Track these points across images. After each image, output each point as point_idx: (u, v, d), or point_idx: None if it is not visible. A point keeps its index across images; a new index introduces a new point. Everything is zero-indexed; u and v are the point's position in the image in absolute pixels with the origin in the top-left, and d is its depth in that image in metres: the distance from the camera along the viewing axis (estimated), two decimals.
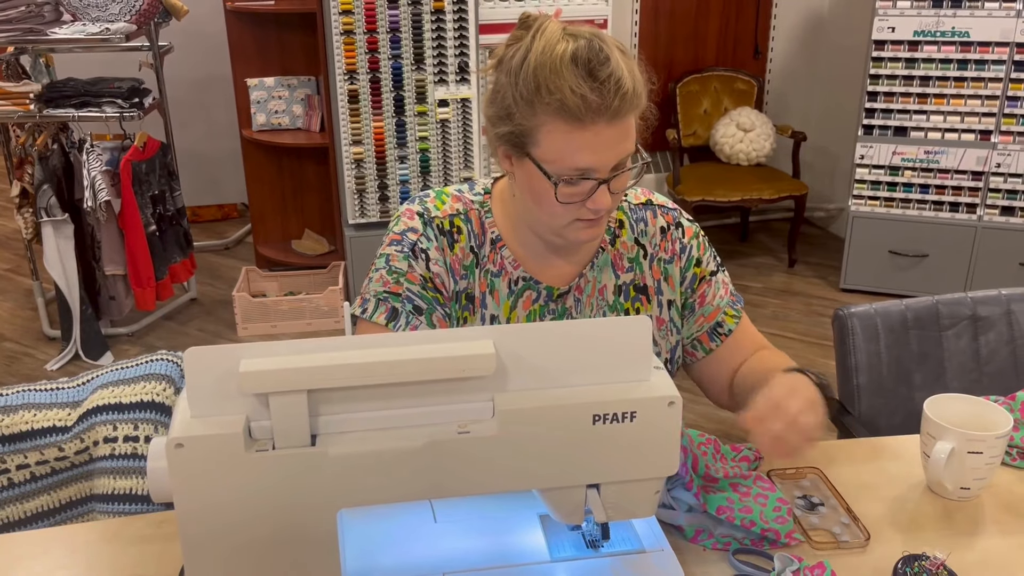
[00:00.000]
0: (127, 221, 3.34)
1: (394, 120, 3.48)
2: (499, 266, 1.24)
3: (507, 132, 1.12)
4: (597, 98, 1.04)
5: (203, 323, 3.74)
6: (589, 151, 1.07)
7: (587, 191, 1.10)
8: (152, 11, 3.36)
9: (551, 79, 1.04)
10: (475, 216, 1.24)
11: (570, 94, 1.03)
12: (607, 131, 1.06)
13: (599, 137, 1.06)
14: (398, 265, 1.21)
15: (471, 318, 1.24)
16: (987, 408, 1.21)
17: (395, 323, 1.18)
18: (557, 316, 1.27)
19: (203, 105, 4.61)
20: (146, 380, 1.29)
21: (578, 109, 1.04)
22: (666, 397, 0.87)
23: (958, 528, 1.14)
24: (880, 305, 1.66)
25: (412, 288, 1.20)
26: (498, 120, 1.12)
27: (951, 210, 3.71)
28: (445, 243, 1.22)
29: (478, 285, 1.23)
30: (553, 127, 1.07)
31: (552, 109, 1.05)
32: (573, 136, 1.06)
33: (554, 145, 1.07)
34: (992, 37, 3.45)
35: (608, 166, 1.09)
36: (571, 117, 1.05)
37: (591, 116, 1.05)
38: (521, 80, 1.07)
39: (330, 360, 0.80)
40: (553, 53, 1.05)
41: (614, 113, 1.05)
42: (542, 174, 1.10)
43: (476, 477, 0.86)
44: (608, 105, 1.04)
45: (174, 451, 0.80)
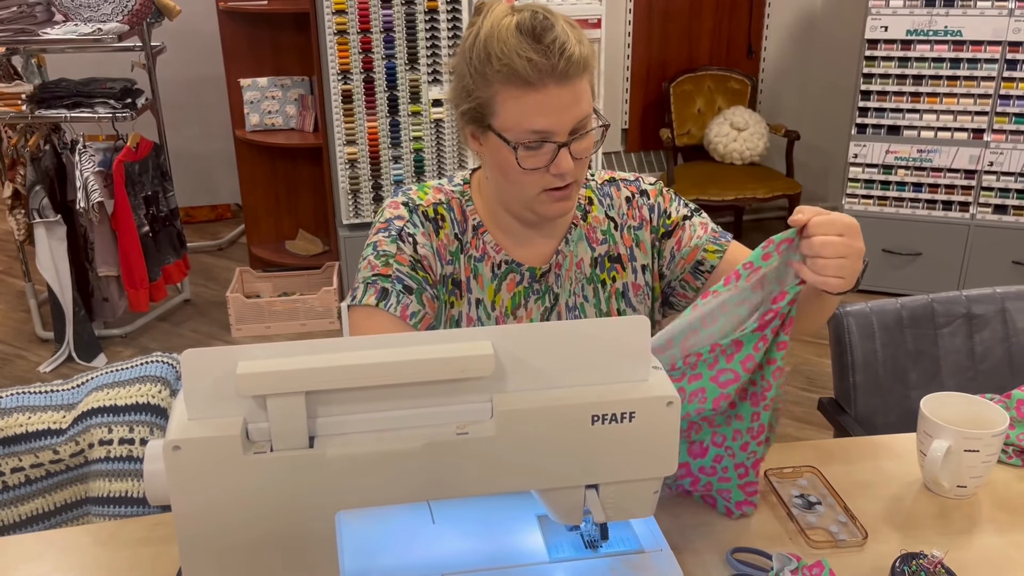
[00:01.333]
0: (120, 222, 3.33)
1: (388, 120, 3.47)
2: (481, 251, 1.27)
3: (468, 109, 1.17)
4: (543, 59, 1.09)
5: (197, 324, 3.73)
6: (543, 113, 1.11)
7: (548, 155, 1.14)
8: (145, 11, 3.35)
9: (499, 48, 1.10)
10: (456, 204, 1.28)
11: (517, 59, 1.09)
12: (558, 92, 1.11)
13: (551, 99, 1.11)
14: (386, 248, 1.23)
15: (458, 302, 1.27)
16: (983, 406, 1.21)
17: (385, 302, 1.19)
18: (540, 295, 1.29)
19: (196, 105, 4.60)
20: (141, 382, 1.28)
21: (526, 72, 1.09)
22: (664, 397, 0.86)
23: (955, 526, 1.14)
24: (876, 304, 1.66)
25: (401, 269, 1.21)
26: (459, 100, 1.17)
27: (944, 208, 3.72)
28: (431, 229, 1.25)
29: (463, 270, 1.26)
30: (507, 94, 1.11)
31: (503, 76, 1.10)
32: (526, 99, 1.11)
33: (510, 112, 1.12)
34: (984, 36, 3.46)
35: (565, 129, 1.13)
36: (521, 81, 1.10)
37: (540, 78, 1.09)
38: (474, 55, 1.13)
39: (328, 362, 0.80)
40: (500, 25, 1.12)
41: (562, 74, 1.10)
42: (503, 143, 1.14)
43: (475, 478, 0.86)
44: (555, 66, 1.09)
45: (171, 454, 0.79)
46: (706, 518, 1.15)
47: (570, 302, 1.31)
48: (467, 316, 1.27)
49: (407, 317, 1.19)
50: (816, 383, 3.20)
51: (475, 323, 1.27)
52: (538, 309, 1.29)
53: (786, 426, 2.94)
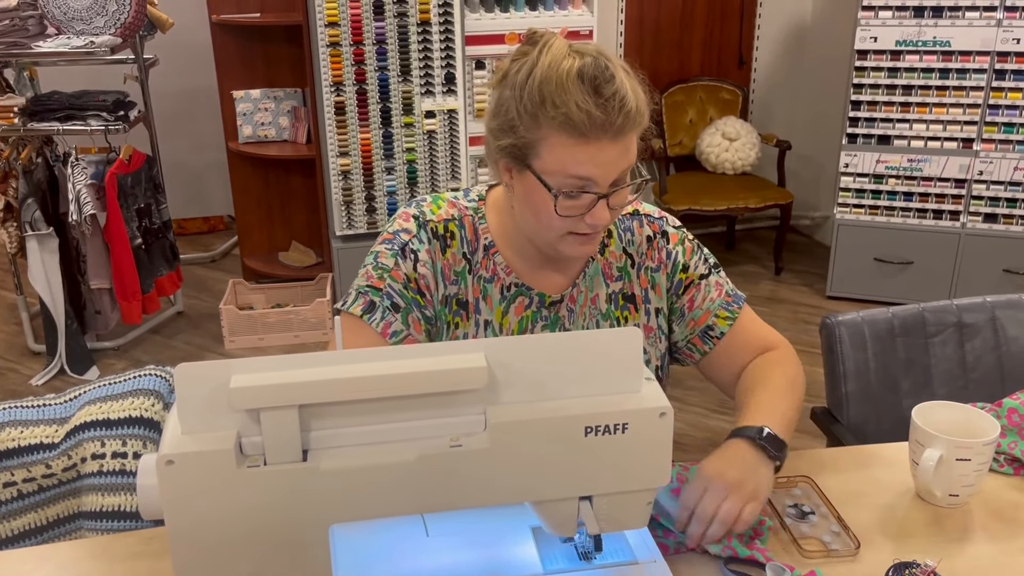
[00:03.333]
0: (113, 234, 3.33)
1: (381, 131, 3.48)
2: (491, 272, 1.25)
3: (509, 144, 1.13)
4: (602, 115, 1.06)
5: (190, 336, 3.72)
6: (591, 166, 1.09)
7: (586, 205, 1.12)
8: (137, 24, 3.35)
9: (557, 93, 1.06)
10: (469, 222, 1.26)
11: (575, 109, 1.05)
12: (610, 148, 1.08)
13: (602, 153, 1.08)
14: (384, 262, 1.22)
15: (463, 323, 1.25)
16: (974, 415, 1.22)
17: (370, 316, 1.20)
18: (549, 324, 1.27)
19: (189, 117, 4.60)
20: (134, 396, 1.28)
21: (583, 125, 1.06)
22: (657, 408, 0.87)
23: (948, 535, 1.15)
24: (867, 313, 1.67)
25: (393, 285, 1.21)
26: (500, 133, 1.14)
27: (935, 217, 3.74)
28: (437, 247, 1.23)
29: (471, 291, 1.24)
30: (556, 141, 1.08)
31: (557, 123, 1.07)
32: (576, 151, 1.08)
33: (556, 158, 1.09)
34: (973, 46, 3.49)
35: (608, 181, 1.11)
36: (575, 132, 1.07)
37: (595, 132, 1.06)
38: (526, 94, 1.09)
39: (321, 375, 0.80)
40: (559, 68, 1.07)
41: (618, 131, 1.07)
42: (542, 186, 1.11)
43: (468, 491, 0.86)
44: (612, 122, 1.06)
45: (165, 468, 0.79)
46: None
47: None
48: (472, 338, 1.25)
49: (388, 335, 1.20)
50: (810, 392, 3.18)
51: None
52: None
53: None
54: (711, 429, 3.01)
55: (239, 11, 3.84)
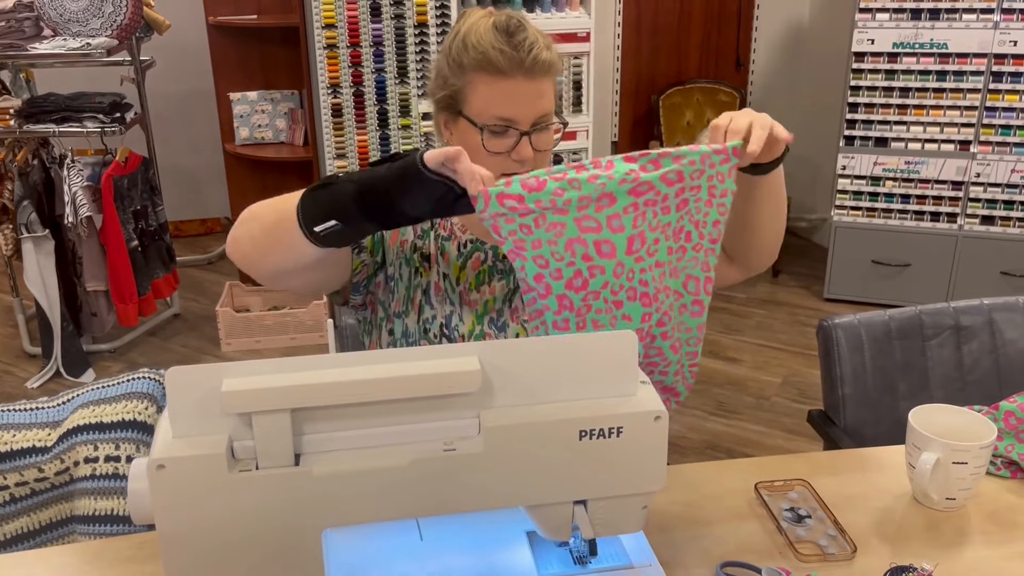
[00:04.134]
0: (109, 237, 3.32)
1: (378, 133, 3.48)
2: (448, 231, 1.35)
3: (443, 96, 1.28)
4: (513, 52, 1.21)
5: (186, 339, 3.71)
6: (509, 102, 1.22)
7: (512, 143, 1.24)
8: (134, 26, 3.35)
9: (476, 40, 1.23)
10: None
11: (491, 49, 1.21)
12: (525, 85, 1.22)
13: (518, 89, 1.22)
14: None
15: (426, 273, 1.34)
16: (971, 418, 1.21)
17: None
18: (504, 275, 1.35)
19: (185, 119, 4.60)
20: (127, 399, 1.28)
21: (498, 61, 1.21)
22: (652, 412, 0.86)
23: (945, 539, 1.14)
24: (864, 316, 1.67)
25: None
26: (436, 90, 1.29)
27: (932, 220, 3.74)
28: None
29: (432, 245, 1.35)
30: (478, 81, 1.23)
31: (477, 63, 1.22)
32: (495, 87, 1.22)
33: (480, 98, 1.23)
34: (970, 48, 3.49)
35: (528, 119, 1.23)
36: (493, 69, 1.21)
37: (510, 68, 1.21)
38: (453, 48, 1.25)
39: (313, 379, 0.79)
40: (478, 23, 1.25)
41: (529, 69, 1.21)
42: (472, 128, 1.24)
43: (462, 495, 0.85)
44: (523, 60, 1.21)
45: (155, 472, 0.79)
46: (696, 532, 1.15)
47: None
48: (435, 284, 1.33)
49: None
50: (807, 394, 3.20)
51: (442, 292, 1.33)
52: (502, 289, 1.34)
53: (777, 438, 2.94)
54: (709, 432, 3.00)
55: (236, 13, 3.83)
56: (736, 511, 1.19)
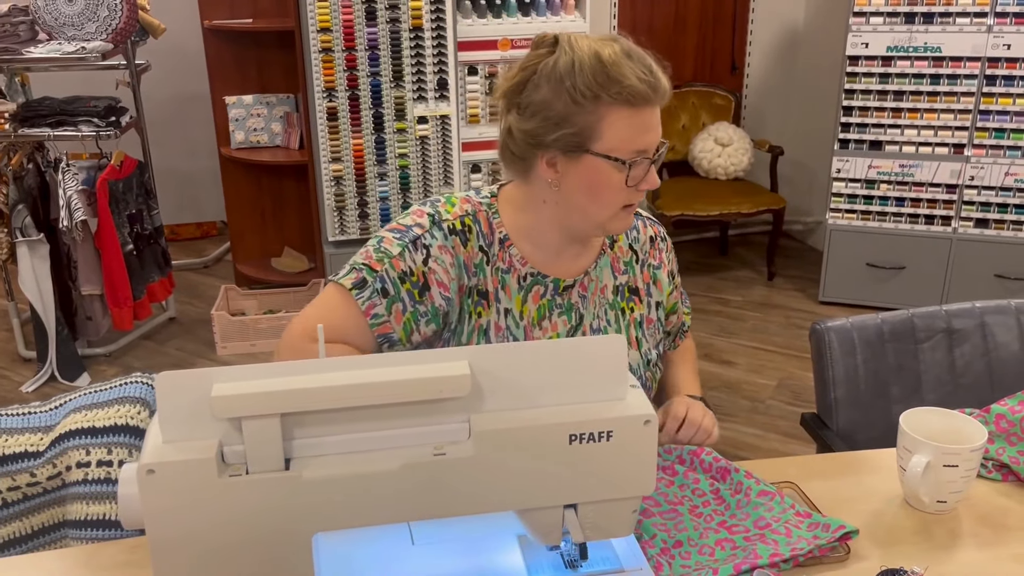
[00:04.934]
0: (104, 240, 3.31)
1: (373, 137, 3.48)
2: (508, 263, 1.31)
3: (562, 136, 1.19)
4: (654, 81, 1.18)
5: (182, 342, 3.71)
6: (646, 132, 1.20)
7: (642, 173, 1.22)
8: (129, 29, 3.35)
9: (616, 72, 1.16)
10: (483, 217, 1.31)
11: (637, 82, 1.16)
12: (654, 113, 1.21)
13: (653, 118, 1.20)
14: (389, 248, 1.27)
15: (485, 312, 1.30)
16: (962, 421, 1.22)
17: (359, 292, 1.24)
18: (565, 311, 1.34)
19: (181, 123, 4.59)
20: (120, 403, 1.27)
21: (643, 94, 1.17)
22: (642, 416, 0.87)
23: (936, 542, 1.14)
24: (856, 319, 1.67)
25: (390, 272, 1.25)
26: (547, 130, 1.20)
27: (926, 223, 3.75)
28: (458, 241, 1.28)
29: (490, 281, 1.30)
30: (617, 117, 1.17)
31: (621, 98, 1.16)
32: (635, 121, 1.18)
33: (619, 133, 1.18)
34: (964, 52, 3.50)
35: (654, 146, 1.22)
36: (635, 103, 1.17)
37: (648, 98, 1.18)
38: (580, 81, 1.16)
39: (303, 383, 0.80)
40: (606, 52, 1.18)
41: (661, 95, 1.20)
42: (606, 165, 1.19)
43: (453, 499, 0.85)
44: (657, 87, 1.19)
45: (145, 477, 0.79)
46: None
47: (594, 324, 1.36)
48: (495, 325, 1.30)
49: (370, 315, 1.24)
50: (802, 397, 3.21)
51: (503, 331, 1.30)
52: (564, 324, 1.34)
53: (772, 441, 2.95)
54: None
55: (231, 17, 3.84)
56: None
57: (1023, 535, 1.16)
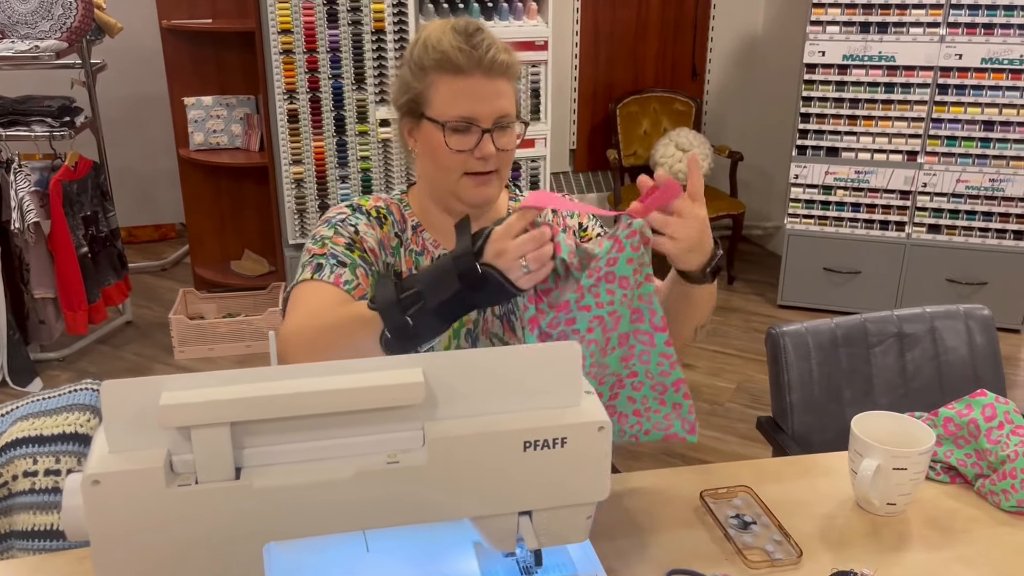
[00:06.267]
0: (57, 243, 3.25)
1: (335, 140, 3.45)
2: (421, 246, 1.38)
3: (406, 102, 1.31)
4: (472, 50, 1.25)
5: (139, 347, 3.64)
6: (470, 99, 1.26)
7: (474, 141, 1.27)
8: (84, 28, 3.29)
9: (436, 42, 1.27)
10: (395, 208, 1.40)
11: (450, 48, 1.25)
12: (484, 83, 1.26)
13: (478, 87, 1.26)
14: (323, 234, 1.33)
15: None
16: (911, 425, 1.24)
17: (319, 273, 1.27)
18: None
19: (138, 124, 4.52)
20: (68, 411, 1.25)
21: (457, 60, 1.24)
22: (596, 422, 0.87)
23: (885, 544, 1.17)
24: (811, 323, 1.69)
25: (336, 248, 1.30)
26: (399, 96, 1.33)
27: (881, 228, 3.82)
28: (375, 222, 1.36)
29: (404, 263, 1.37)
30: (439, 81, 1.26)
31: (437, 63, 1.26)
32: (456, 85, 1.25)
33: (442, 98, 1.26)
34: (916, 61, 3.58)
35: (488, 117, 1.26)
36: (453, 68, 1.25)
37: (469, 66, 1.25)
38: (414, 54, 1.29)
39: (254, 392, 0.79)
40: (437, 28, 1.29)
41: (488, 67, 1.25)
42: (436, 128, 1.27)
43: (406, 508, 0.85)
44: (481, 58, 1.24)
45: (90, 488, 0.77)
46: (643, 540, 1.16)
47: None
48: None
49: (340, 284, 1.27)
50: (760, 400, 3.25)
51: None
52: None
53: (731, 443, 2.98)
54: None
55: (190, 16, 3.79)
56: (683, 519, 1.21)
57: (970, 537, 1.18)
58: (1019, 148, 3.57)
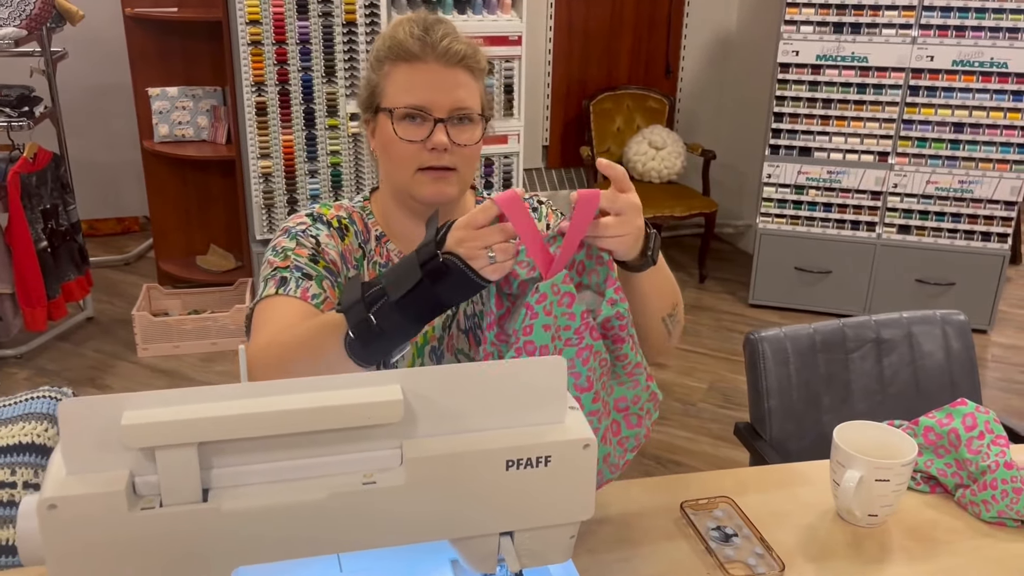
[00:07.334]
0: (15, 237, 3.15)
1: (304, 133, 3.39)
2: (386, 258, 1.31)
3: (366, 98, 1.26)
4: (425, 35, 1.19)
5: (100, 343, 3.55)
6: (421, 87, 1.19)
7: (426, 131, 1.20)
8: (44, 16, 3.19)
9: (392, 32, 1.22)
10: (358, 218, 1.32)
11: (405, 37, 1.20)
12: (439, 72, 1.19)
13: (431, 75, 1.19)
14: (284, 245, 1.26)
15: None
16: (893, 435, 1.23)
17: (284, 288, 1.20)
18: None
19: (101, 114, 4.41)
20: (24, 420, 1.19)
21: (410, 46, 1.19)
22: (581, 440, 0.84)
23: (867, 555, 1.15)
24: (790, 329, 1.68)
25: (299, 260, 1.24)
26: (361, 94, 1.27)
27: (852, 228, 3.84)
28: (336, 235, 1.29)
29: (367, 275, 1.30)
30: (394, 71, 1.21)
31: (391, 51, 1.21)
32: (408, 73, 1.20)
33: (395, 86, 1.21)
34: (889, 62, 3.60)
35: (442, 106, 1.19)
36: (406, 55, 1.20)
37: (422, 53, 1.19)
38: (375, 47, 1.25)
39: (222, 410, 0.74)
40: (397, 20, 1.25)
41: (442, 54, 1.19)
42: (387, 116, 1.21)
43: (383, 530, 0.81)
44: (435, 44, 1.19)
45: (47, 512, 0.72)
46: (624, 553, 1.13)
47: (468, 310, 1.32)
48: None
49: (308, 298, 1.20)
50: (732, 400, 3.25)
51: None
52: (440, 317, 1.29)
53: (703, 444, 2.98)
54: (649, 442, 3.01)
55: (155, 5, 3.69)
56: (664, 531, 1.18)
57: (950, 548, 1.17)
58: (988, 150, 3.60)
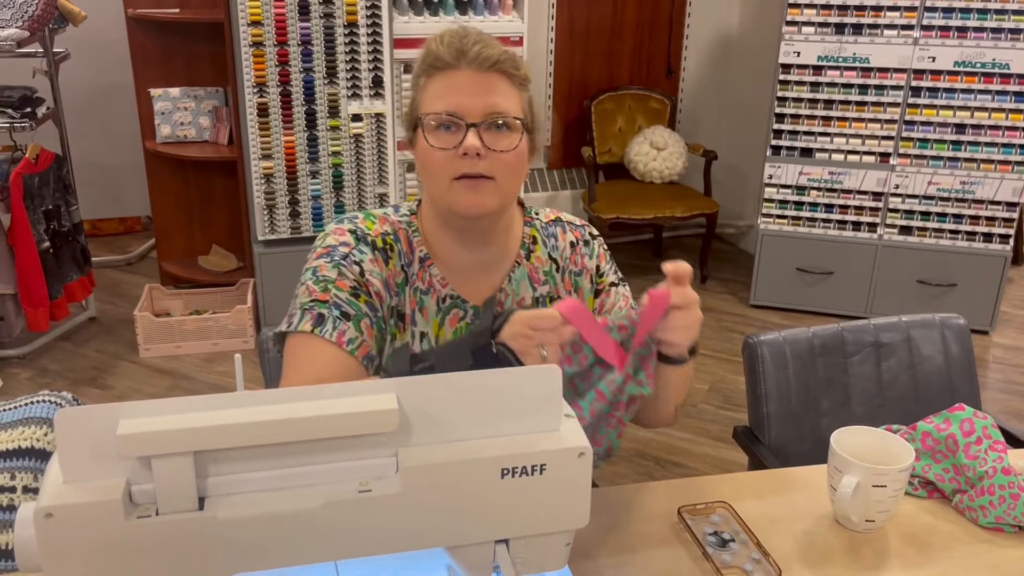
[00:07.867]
0: (17, 238, 3.16)
1: (305, 134, 3.39)
2: (428, 284, 1.27)
3: (407, 115, 1.24)
4: (458, 43, 1.18)
5: (102, 344, 3.56)
6: (454, 93, 1.17)
7: (459, 139, 1.16)
8: (47, 17, 3.19)
9: (427, 46, 1.21)
10: (403, 235, 1.28)
11: (437, 46, 1.19)
12: (472, 77, 1.17)
13: (464, 81, 1.17)
14: (326, 274, 1.21)
15: (400, 335, 1.26)
16: (890, 440, 1.23)
17: (321, 328, 1.18)
18: None
19: (103, 115, 4.42)
20: (24, 424, 1.20)
21: (444, 56, 1.18)
22: (576, 448, 0.84)
23: (864, 562, 1.15)
24: (788, 332, 1.68)
25: (340, 295, 1.20)
26: (404, 112, 1.26)
27: (854, 229, 3.84)
28: (380, 258, 1.25)
29: (408, 302, 1.26)
30: (429, 82, 1.20)
31: (428, 65, 1.20)
32: (442, 81, 1.18)
33: (429, 97, 1.19)
34: (890, 63, 3.59)
35: (475, 111, 1.16)
36: (441, 64, 1.18)
37: (455, 60, 1.17)
38: (414, 67, 1.24)
39: (219, 419, 0.75)
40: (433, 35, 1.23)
41: (474, 59, 1.17)
42: (421, 128, 1.19)
43: (378, 537, 0.81)
44: (467, 50, 1.17)
45: (43, 521, 0.73)
46: (621, 559, 1.14)
47: None
48: (410, 348, 1.26)
49: (343, 343, 1.17)
50: (733, 401, 3.25)
51: None
52: None
53: (704, 445, 2.98)
54: (637, 439, 3.02)
55: (157, 6, 3.70)
56: (661, 536, 1.19)
57: (949, 554, 1.18)
58: (990, 151, 3.60)
